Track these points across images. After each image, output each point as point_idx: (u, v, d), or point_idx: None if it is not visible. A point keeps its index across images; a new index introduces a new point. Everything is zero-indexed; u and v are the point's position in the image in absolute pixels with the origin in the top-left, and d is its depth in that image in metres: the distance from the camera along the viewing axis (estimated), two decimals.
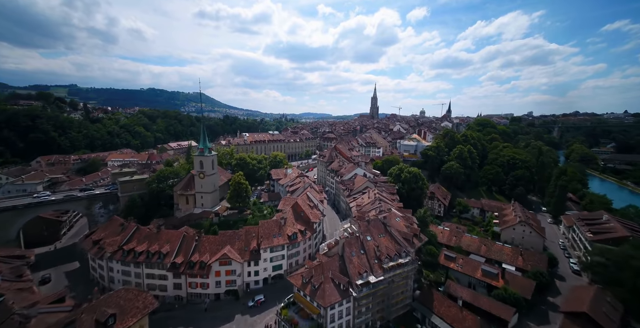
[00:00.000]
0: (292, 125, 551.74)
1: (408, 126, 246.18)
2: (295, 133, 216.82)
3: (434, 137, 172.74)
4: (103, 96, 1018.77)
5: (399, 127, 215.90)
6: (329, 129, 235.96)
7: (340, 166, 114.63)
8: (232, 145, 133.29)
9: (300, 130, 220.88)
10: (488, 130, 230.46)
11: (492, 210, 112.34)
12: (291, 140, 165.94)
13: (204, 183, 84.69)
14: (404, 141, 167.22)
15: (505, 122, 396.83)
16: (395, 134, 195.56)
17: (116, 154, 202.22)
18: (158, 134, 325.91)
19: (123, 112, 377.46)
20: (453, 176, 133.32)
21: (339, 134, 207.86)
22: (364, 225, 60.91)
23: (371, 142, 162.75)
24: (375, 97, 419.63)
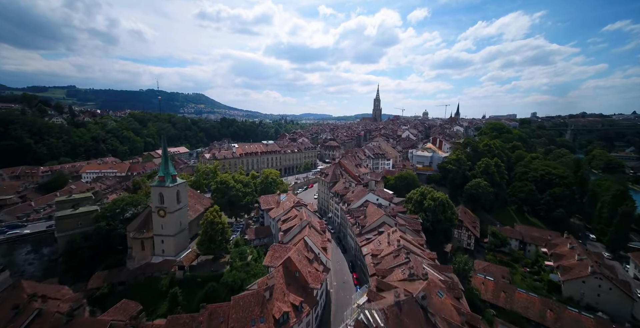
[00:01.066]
0: (291, 127, 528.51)
1: (417, 131, 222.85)
2: (294, 140, 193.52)
3: (451, 146, 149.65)
4: (102, 97, 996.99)
5: (407, 134, 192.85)
6: (330, 135, 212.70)
7: (346, 189, 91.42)
8: (216, 162, 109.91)
9: (299, 137, 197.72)
10: (506, 136, 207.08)
11: (535, 243, 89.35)
12: (288, 150, 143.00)
13: (165, 224, 61.71)
14: (417, 151, 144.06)
15: (514, 124, 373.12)
16: (404, 141, 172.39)
17: (95, 164, 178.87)
18: (149, 138, 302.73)
19: (113, 115, 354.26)
20: (480, 195, 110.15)
21: (342, 142, 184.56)
22: (393, 315, 37.86)
23: (380, 153, 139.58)
24: (378, 98, 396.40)
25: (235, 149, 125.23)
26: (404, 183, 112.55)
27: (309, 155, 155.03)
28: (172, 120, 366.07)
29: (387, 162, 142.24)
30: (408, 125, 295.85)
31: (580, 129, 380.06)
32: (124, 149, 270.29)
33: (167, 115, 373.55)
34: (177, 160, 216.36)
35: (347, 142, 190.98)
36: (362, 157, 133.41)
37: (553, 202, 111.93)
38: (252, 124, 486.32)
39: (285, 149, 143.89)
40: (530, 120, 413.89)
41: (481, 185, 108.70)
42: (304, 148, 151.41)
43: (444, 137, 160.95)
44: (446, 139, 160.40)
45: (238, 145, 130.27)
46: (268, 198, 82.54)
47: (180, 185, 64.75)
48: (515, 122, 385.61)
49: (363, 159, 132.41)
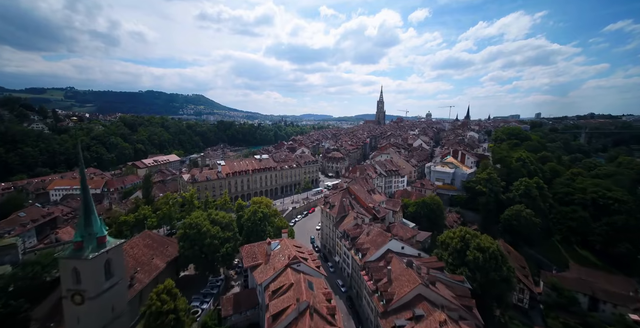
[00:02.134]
0: (291, 130, 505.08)
1: (428, 138, 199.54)
2: (293, 150, 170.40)
3: (476, 161, 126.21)
4: (101, 99, 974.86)
5: (420, 142, 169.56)
6: (333, 143, 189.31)
7: (358, 227, 68.33)
8: (192, 189, 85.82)
9: (298, 146, 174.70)
10: (528, 144, 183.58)
11: (612, 301, 66.25)
12: (285, 166, 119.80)
13: (84, 315, 38.79)
14: (436, 166, 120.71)
15: (525, 127, 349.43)
16: (418, 152, 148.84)
17: (67, 178, 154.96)
18: (139, 145, 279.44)
19: (103, 119, 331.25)
20: (522, 227, 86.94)
21: (347, 152, 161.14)
22: None
23: (393, 169, 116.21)
24: (381, 100, 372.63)
25: (221, 168, 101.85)
26: (426, 210, 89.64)
27: (310, 170, 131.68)
28: (165, 124, 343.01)
29: (402, 180, 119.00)
30: (416, 130, 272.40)
31: (594, 132, 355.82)
32: (110, 157, 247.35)
33: (160, 119, 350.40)
34: (163, 171, 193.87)
35: (352, 152, 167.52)
36: (373, 174, 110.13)
37: (613, 234, 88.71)
38: (251, 126, 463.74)
39: (282, 164, 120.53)
40: (541, 122, 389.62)
41: (525, 215, 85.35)
42: (303, 162, 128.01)
43: (465, 148, 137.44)
44: (466, 150, 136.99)
45: (225, 163, 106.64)
46: (254, 249, 59.12)
47: (112, 250, 41.40)
48: (525, 124, 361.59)
49: (374, 177, 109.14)
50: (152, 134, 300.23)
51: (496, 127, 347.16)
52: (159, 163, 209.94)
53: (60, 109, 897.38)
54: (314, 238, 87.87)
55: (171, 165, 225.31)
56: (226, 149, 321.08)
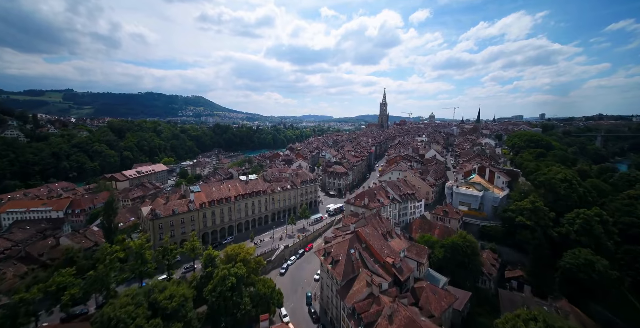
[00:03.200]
0: (290, 134, 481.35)
1: (441, 147, 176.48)
2: (288, 163, 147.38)
3: (508, 180, 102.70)
4: (99, 101, 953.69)
5: (433, 153, 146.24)
6: (334, 153, 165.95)
7: (375, 304, 45.53)
8: (142, 237, 61.63)
9: (295, 157, 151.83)
10: (558, 154, 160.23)
11: None
12: (278, 188, 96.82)
13: None
14: (460, 188, 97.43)
15: (537, 130, 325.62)
16: (433, 167, 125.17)
17: (23, 200, 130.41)
18: (126, 152, 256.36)
19: (90, 124, 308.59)
20: (594, 282, 63.61)
21: (350, 165, 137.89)
22: None
23: (408, 193, 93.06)
24: (384, 103, 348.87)
25: (195, 196, 78.43)
26: (458, 255, 66.89)
27: (308, 191, 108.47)
28: (157, 128, 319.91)
29: (419, 204, 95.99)
30: (423, 135, 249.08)
31: (610, 135, 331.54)
32: (93, 166, 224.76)
33: (151, 123, 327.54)
34: (145, 184, 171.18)
35: (357, 164, 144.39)
36: (385, 200, 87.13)
37: None
38: (248, 130, 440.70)
39: (273, 186, 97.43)
40: (552, 125, 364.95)
41: (599, 269, 61.91)
42: (300, 182, 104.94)
43: (490, 163, 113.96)
44: (492, 164, 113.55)
45: (201, 188, 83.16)
46: None
47: None
48: (537, 127, 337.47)
49: (386, 204, 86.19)
50: (142, 140, 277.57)
51: (506, 130, 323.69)
52: (142, 174, 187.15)
53: (58, 111, 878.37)
54: (310, 296, 65.02)
55: (157, 176, 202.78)
56: (221, 155, 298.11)
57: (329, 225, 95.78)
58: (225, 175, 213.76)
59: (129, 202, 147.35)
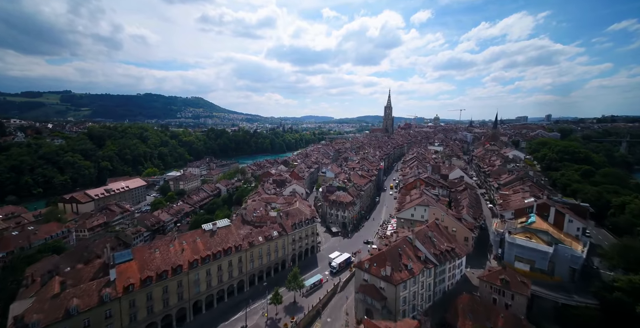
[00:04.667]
0: (289, 137, 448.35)
1: (464, 163, 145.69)
2: (281, 184, 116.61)
3: (583, 227, 72.17)
4: (97, 102, 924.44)
5: (459, 174, 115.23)
6: (336, 169, 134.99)
7: None
8: None
9: (289, 178, 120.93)
10: (610, 173, 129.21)
11: None
12: (260, 238, 66.07)
13: None
14: (516, 238, 67.03)
15: (555, 135, 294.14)
16: (466, 198, 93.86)
17: None
18: (104, 162, 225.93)
19: (69, 130, 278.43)
20: None
21: (357, 191, 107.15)
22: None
23: (446, 250, 62.53)
24: (389, 106, 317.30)
25: (117, 273, 47.13)
26: None
27: (302, 236, 78.30)
28: (143, 134, 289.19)
29: (459, 263, 65.76)
30: (435, 143, 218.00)
31: (636, 141, 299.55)
32: (63, 179, 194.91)
33: (138, 129, 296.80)
34: (111, 208, 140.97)
35: (365, 188, 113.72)
36: (415, 264, 56.74)
37: None
38: (245, 134, 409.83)
39: (253, 236, 67.06)
40: (571, 128, 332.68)
41: None
42: (291, 224, 74.64)
43: (546, 194, 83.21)
44: (549, 196, 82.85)
45: (136, 253, 52.42)
46: None
47: None
48: (555, 132, 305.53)
49: (417, 274, 55.74)
50: (124, 148, 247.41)
51: (522, 136, 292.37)
52: (112, 193, 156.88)
53: (55, 113, 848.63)
54: None
55: (133, 193, 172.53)
56: (212, 163, 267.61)
57: (332, 293, 65.48)
58: (211, 192, 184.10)
59: (86, 232, 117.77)
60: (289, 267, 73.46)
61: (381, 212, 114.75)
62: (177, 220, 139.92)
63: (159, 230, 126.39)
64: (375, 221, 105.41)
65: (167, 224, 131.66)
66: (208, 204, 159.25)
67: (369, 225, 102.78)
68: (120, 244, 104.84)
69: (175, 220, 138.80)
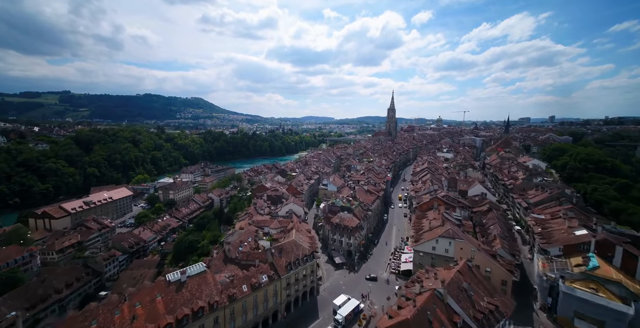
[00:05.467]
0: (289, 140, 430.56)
1: (481, 174, 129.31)
2: (275, 202, 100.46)
3: None
4: (96, 103, 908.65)
5: (480, 190, 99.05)
6: (339, 181, 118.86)
7: None
8: None
9: (287, 194, 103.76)
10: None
11: None
12: (243, 287, 50.45)
13: None
14: (577, 290, 51.23)
15: (566, 139, 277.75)
16: (494, 222, 77.47)
17: None
18: (91, 168, 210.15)
19: (56, 134, 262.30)
20: None
21: (365, 211, 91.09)
22: None
23: (490, 309, 46.53)
24: (392, 108, 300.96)
25: None
26: None
27: (299, 277, 62.47)
28: (136, 138, 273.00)
29: (503, 323, 49.96)
30: (444, 149, 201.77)
31: None
32: (44, 188, 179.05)
33: (130, 132, 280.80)
34: (87, 225, 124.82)
35: (372, 206, 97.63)
36: None
37: None
38: (243, 137, 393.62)
39: (237, 288, 50.93)
40: (583, 132, 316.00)
41: None
42: (285, 264, 58.34)
43: (596, 224, 67.16)
44: (602, 225, 66.67)
45: (70, 323, 38.17)
46: None
47: None
48: (566, 136, 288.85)
49: None
50: (114, 153, 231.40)
51: (531, 139, 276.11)
52: (91, 205, 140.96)
53: (53, 113, 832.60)
54: None
55: (116, 205, 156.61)
56: (208, 168, 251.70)
57: None
58: (202, 203, 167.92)
59: (54, 255, 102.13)
60: (282, 318, 57.56)
61: (391, 233, 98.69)
62: (162, 238, 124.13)
63: (138, 251, 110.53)
64: (385, 247, 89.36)
65: (149, 244, 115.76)
66: (198, 217, 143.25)
67: (379, 252, 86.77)
68: (89, 273, 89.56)
69: (160, 238, 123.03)
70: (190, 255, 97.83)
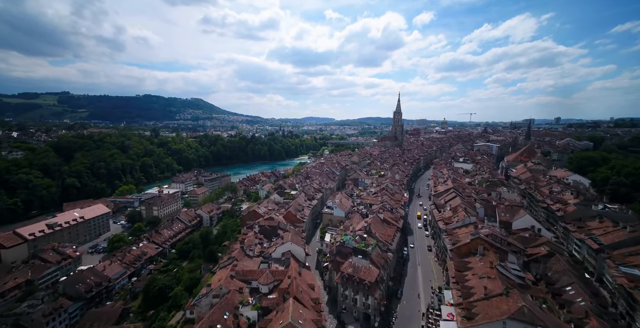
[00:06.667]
0: (289, 143, 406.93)
1: (519, 196, 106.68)
2: (269, 235, 77.68)
3: None
4: (95, 104, 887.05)
5: (529, 221, 76.52)
6: (346, 201, 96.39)
7: None
8: None
9: (283, 225, 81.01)
10: None
11: None
12: None
13: None
14: None
15: (586, 144, 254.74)
16: (562, 276, 55.29)
17: None
18: (70, 179, 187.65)
19: (36, 140, 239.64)
20: None
21: (385, 252, 68.73)
22: None
23: None
24: (399, 111, 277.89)
25: None
26: None
27: None
28: (125, 143, 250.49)
29: None
30: (460, 158, 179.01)
31: None
32: (12, 202, 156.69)
33: (118, 137, 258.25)
34: (43, 257, 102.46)
35: (393, 245, 74.95)
36: None
37: None
38: (241, 140, 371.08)
39: None
40: (602, 136, 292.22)
41: None
42: None
43: None
44: None
45: None
46: None
47: None
48: (585, 141, 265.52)
49: None
50: (98, 161, 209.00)
51: (549, 144, 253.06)
52: (56, 229, 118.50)
53: (51, 114, 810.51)
54: None
55: (90, 225, 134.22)
56: (201, 176, 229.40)
57: None
58: (189, 222, 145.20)
59: None
60: None
61: (417, 277, 76.22)
62: (134, 272, 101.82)
63: (100, 294, 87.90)
64: (413, 302, 66.83)
65: (116, 283, 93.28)
66: (183, 241, 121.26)
67: (406, 311, 64.27)
68: None
69: (131, 273, 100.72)
70: (160, 307, 75.59)
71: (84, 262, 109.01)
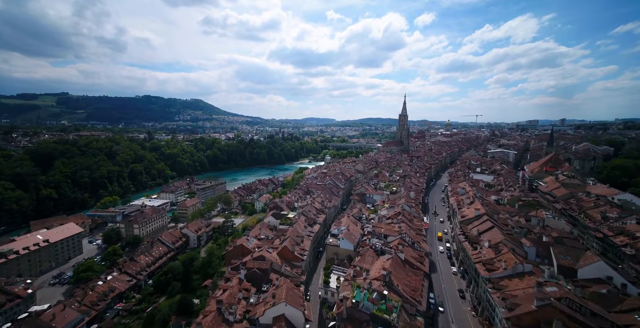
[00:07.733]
0: (288, 146, 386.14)
1: (567, 224, 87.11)
2: (259, 282, 59.09)
3: None
4: (93, 105, 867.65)
5: (603, 269, 58.06)
6: (352, 227, 76.94)
7: None
8: None
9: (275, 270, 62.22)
10: None
11: None
12: None
13: None
14: None
15: (606, 149, 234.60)
16: None
17: None
18: (47, 190, 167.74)
19: (13, 146, 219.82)
20: None
21: (414, 314, 49.24)
22: None
23: None
24: (404, 114, 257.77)
25: None
26: None
27: None
28: (113, 148, 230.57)
29: None
30: (477, 168, 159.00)
31: None
32: None
33: (106, 142, 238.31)
34: None
35: (420, 306, 54.95)
36: None
37: None
38: (239, 143, 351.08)
39: None
40: (622, 140, 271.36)
41: None
42: None
43: None
44: None
45: None
46: None
47: None
48: (605, 145, 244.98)
49: None
50: (80, 169, 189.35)
51: (565, 149, 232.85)
52: (10, 257, 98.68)
53: (49, 115, 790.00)
54: None
55: (56, 249, 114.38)
56: (193, 185, 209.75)
57: None
58: (173, 244, 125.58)
59: None
60: None
61: None
62: (96, 316, 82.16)
63: None
64: None
65: None
66: (162, 271, 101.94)
67: None
68: None
69: (92, 317, 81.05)
70: None
71: (40, 299, 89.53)
